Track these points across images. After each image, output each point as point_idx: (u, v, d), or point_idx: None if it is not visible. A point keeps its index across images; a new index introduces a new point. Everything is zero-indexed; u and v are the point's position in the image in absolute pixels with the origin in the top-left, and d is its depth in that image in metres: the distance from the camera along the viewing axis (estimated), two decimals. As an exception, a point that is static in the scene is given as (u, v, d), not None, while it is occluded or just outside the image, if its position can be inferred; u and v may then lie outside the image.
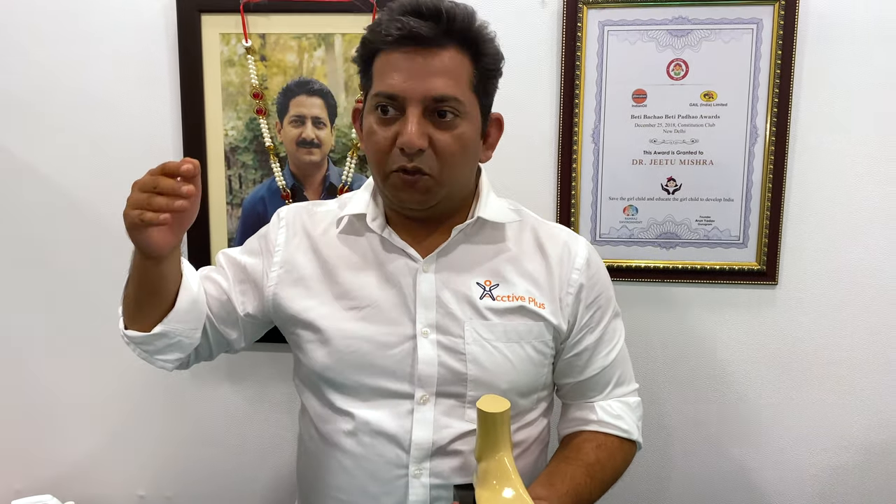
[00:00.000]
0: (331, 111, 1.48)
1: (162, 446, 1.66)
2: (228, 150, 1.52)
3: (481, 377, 1.08)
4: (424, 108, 1.00)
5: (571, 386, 1.19)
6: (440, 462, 1.08)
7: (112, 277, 1.58)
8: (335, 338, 1.09)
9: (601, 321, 1.17)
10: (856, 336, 1.48)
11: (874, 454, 1.51)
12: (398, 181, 1.04)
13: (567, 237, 1.17)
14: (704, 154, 1.44)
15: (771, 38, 1.39)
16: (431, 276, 1.10)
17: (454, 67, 1.01)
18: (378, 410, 1.09)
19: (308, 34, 1.46)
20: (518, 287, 1.11)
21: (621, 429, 1.17)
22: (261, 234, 1.21)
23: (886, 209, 1.43)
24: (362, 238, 1.14)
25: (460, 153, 1.04)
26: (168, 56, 1.51)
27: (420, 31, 0.98)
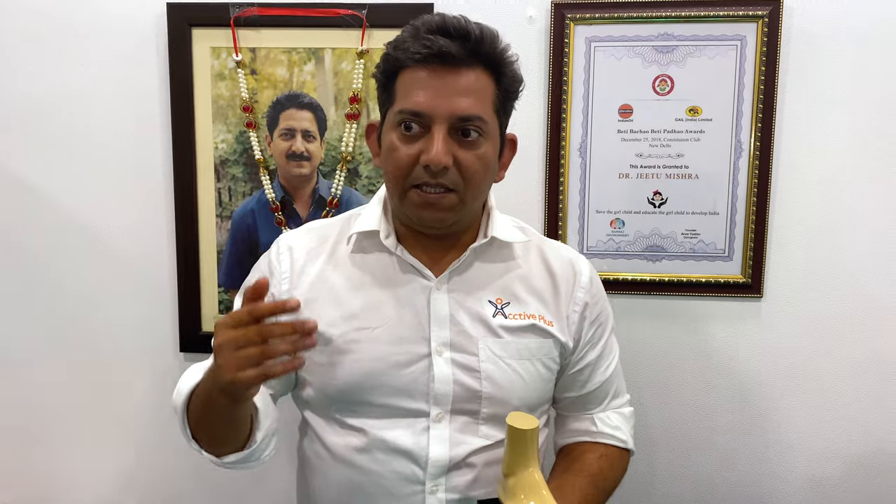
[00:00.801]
0: (320, 124, 1.49)
1: (152, 457, 1.66)
2: (218, 162, 1.52)
3: (495, 394, 1.08)
4: (450, 127, 1.00)
5: (572, 399, 1.21)
6: (456, 476, 1.08)
7: (101, 287, 1.59)
8: (348, 359, 1.07)
9: (602, 337, 1.19)
10: (840, 348, 1.50)
11: (857, 465, 1.53)
12: (418, 199, 1.03)
13: (571, 256, 1.19)
14: (690, 168, 1.46)
15: (755, 54, 1.41)
16: (445, 295, 1.09)
17: (480, 88, 1.01)
18: (393, 428, 1.08)
19: (298, 48, 1.47)
20: (529, 305, 1.12)
21: (620, 439, 1.20)
22: (259, 268, 1.17)
23: (870, 223, 1.45)
24: (373, 256, 1.12)
25: (483, 172, 1.04)
26: (159, 69, 1.52)
27: (448, 50, 0.97)
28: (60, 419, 1.65)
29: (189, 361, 1.60)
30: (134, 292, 1.59)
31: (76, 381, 1.63)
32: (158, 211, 1.56)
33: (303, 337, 0.88)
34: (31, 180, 1.57)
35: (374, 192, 1.50)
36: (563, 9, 1.43)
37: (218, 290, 1.56)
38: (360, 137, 1.49)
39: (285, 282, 1.12)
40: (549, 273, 1.15)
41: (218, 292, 1.56)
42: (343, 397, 1.09)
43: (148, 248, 1.58)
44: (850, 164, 1.44)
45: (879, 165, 1.43)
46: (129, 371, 1.62)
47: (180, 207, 1.53)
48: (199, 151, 1.52)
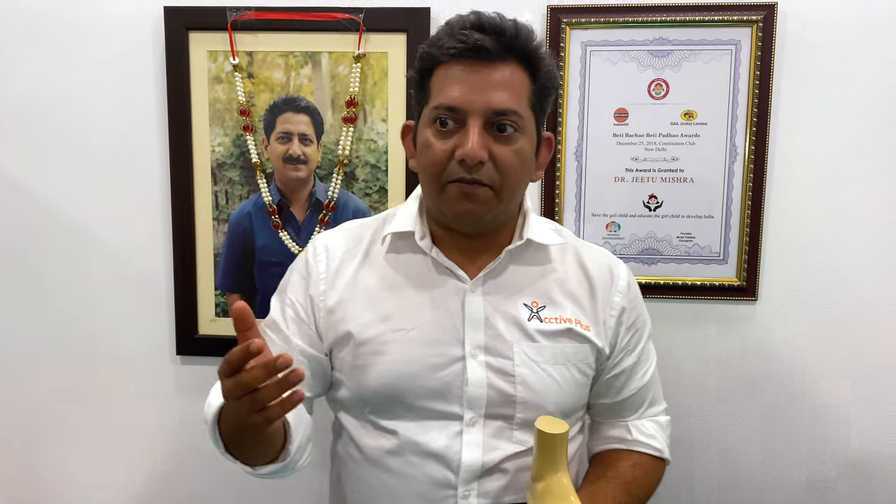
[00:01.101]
0: (317, 128, 1.49)
1: (154, 464, 1.66)
2: (215, 166, 1.53)
3: (530, 399, 1.07)
4: (485, 122, 0.99)
5: (607, 406, 1.19)
6: (488, 482, 1.07)
7: (97, 291, 1.59)
8: (382, 360, 1.07)
9: (639, 343, 1.17)
10: (834, 351, 1.50)
11: (852, 467, 1.54)
12: (455, 192, 1.01)
13: (609, 260, 1.17)
14: (685, 172, 1.46)
15: (749, 58, 1.42)
16: (479, 298, 1.08)
17: (515, 82, 1.00)
18: (426, 431, 1.07)
19: (295, 52, 1.48)
20: (566, 309, 1.10)
21: (655, 448, 1.18)
22: (296, 268, 1.16)
23: (864, 226, 1.46)
24: (408, 257, 1.11)
25: (519, 168, 1.02)
26: (155, 73, 1.52)
27: (483, 45, 0.97)
28: (58, 423, 1.65)
29: (185, 365, 1.61)
30: (130, 296, 1.60)
31: (73, 384, 1.63)
32: (155, 214, 1.57)
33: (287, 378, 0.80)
34: (28, 183, 1.57)
35: (370, 195, 1.51)
36: (558, 13, 1.44)
37: (215, 294, 1.56)
38: (356, 141, 1.49)
39: (322, 282, 1.12)
40: (586, 276, 1.13)
41: (214, 295, 1.56)
42: (377, 399, 1.08)
43: (144, 251, 1.58)
44: (845, 167, 1.45)
45: (874, 169, 1.44)
46: (126, 375, 1.62)
47: (177, 210, 1.54)
48: (195, 155, 1.52)
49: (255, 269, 1.54)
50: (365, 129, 1.49)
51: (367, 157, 1.49)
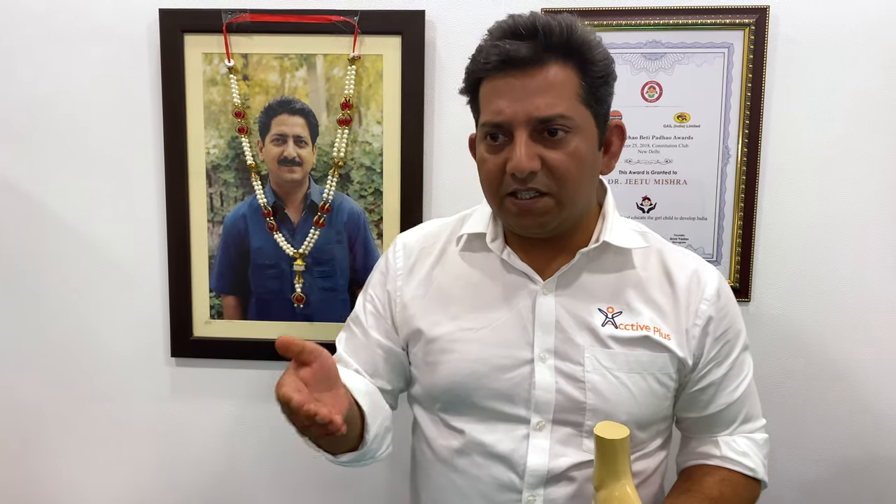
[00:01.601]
0: (312, 130, 1.50)
1: (145, 467, 1.66)
2: (210, 168, 1.53)
3: (600, 407, 1.04)
4: (532, 130, 0.97)
5: (694, 420, 1.14)
6: (554, 489, 1.06)
7: (92, 293, 1.59)
8: (451, 359, 1.07)
9: (730, 355, 1.11)
10: (828, 352, 1.51)
11: (845, 468, 1.54)
12: (513, 207, 1.01)
13: (697, 265, 1.11)
14: (678, 174, 1.47)
15: (742, 61, 1.43)
16: (551, 300, 1.06)
17: (558, 83, 0.97)
18: (492, 433, 1.07)
19: (290, 54, 1.48)
20: (643, 316, 1.06)
21: (747, 466, 1.12)
22: (378, 266, 1.20)
23: (857, 227, 1.47)
24: (481, 257, 1.11)
25: (576, 170, 0.99)
26: (150, 75, 1.52)
27: (518, 54, 0.95)
28: (53, 424, 1.65)
29: (180, 367, 1.61)
30: (125, 298, 1.59)
31: (67, 386, 1.63)
32: (150, 216, 1.57)
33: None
34: (23, 185, 1.57)
35: (365, 197, 1.51)
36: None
37: (209, 295, 1.56)
38: (351, 143, 1.49)
39: (399, 278, 1.14)
40: (670, 282, 1.09)
41: (209, 297, 1.56)
42: (445, 396, 1.09)
43: (139, 253, 1.58)
44: (836, 169, 1.46)
45: (865, 170, 1.45)
46: (121, 376, 1.62)
47: (172, 212, 1.54)
48: (190, 157, 1.53)
49: (249, 271, 1.55)
50: (360, 131, 1.49)
51: (362, 159, 1.50)
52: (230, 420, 1.62)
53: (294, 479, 1.63)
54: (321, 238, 1.52)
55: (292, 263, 1.53)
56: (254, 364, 1.59)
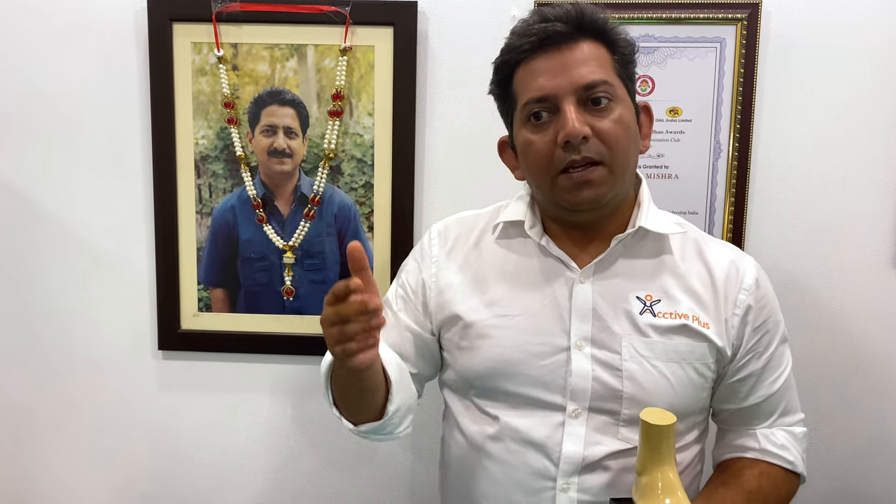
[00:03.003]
0: (303, 121, 1.48)
1: (134, 461, 1.64)
2: (199, 158, 1.51)
3: (637, 396, 1.03)
4: (578, 99, 0.99)
5: (732, 412, 1.14)
6: (589, 478, 1.05)
7: (79, 285, 1.57)
8: (487, 344, 1.07)
9: (769, 346, 1.10)
10: (816, 350, 1.52)
11: (837, 467, 1.55)
12: (569, 182, 1.00)
13: (735, 255, 1.12)
14: (670, 168, 1.47)
15: (734, 56, 1.43)
16: (588, 288, 1.06)
17: (594, 55, 1.00)
18: (527, 419, 1.06)
19: (280, 44, 1.46)
20: (682, 304, 1.06)
21: (786, 459, 1.11)
22: (413, 253, 1.21)
23: (845, 224, 1.48)
24: (518, 245, 1.12)
25: (624, 137, 1.01)
26: (139, 64, 1.50)
27: (555, 29, 0.99)
28: (41, 420, 1.63)
29: (168, 360, 1.59)
30: (112, 290, 1.58)
31: (55, 380, 1.61)
32: (138, 207, 1.55)
33: (371, 316, 0.87)
34: (9, 176, 1.54)
35: (356, 189, 1.50)
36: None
37: (198, 288, 1.55)
38: (342, 135, 1.48)
39: (434, 265, 1.15)
40: (708, 271, 1.08)
41: (198, 290, 1.55)
42: (481, 383, 1.09)
43: (126, 244, 1.56)
44: (827, 164, 1.46)
45: (856, 165, 1.46)
46: (109, 369, 1.60)
47: (160, 204, 1.52)
48: (179, 147, 1.51)
49: (238, 263, 1.53)
50: (351, 122, 1.48)
51: (352, 151, 1.49)
52: (218, 413, 1.61)
53: (285, 473, 1.63)
54: (311, 231, 1.51)
55: (282, 256, 1.52)
56: (242, 357, 1.57)
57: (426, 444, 1.57)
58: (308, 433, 1.61)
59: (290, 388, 1.59)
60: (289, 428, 1.61)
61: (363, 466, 1.61)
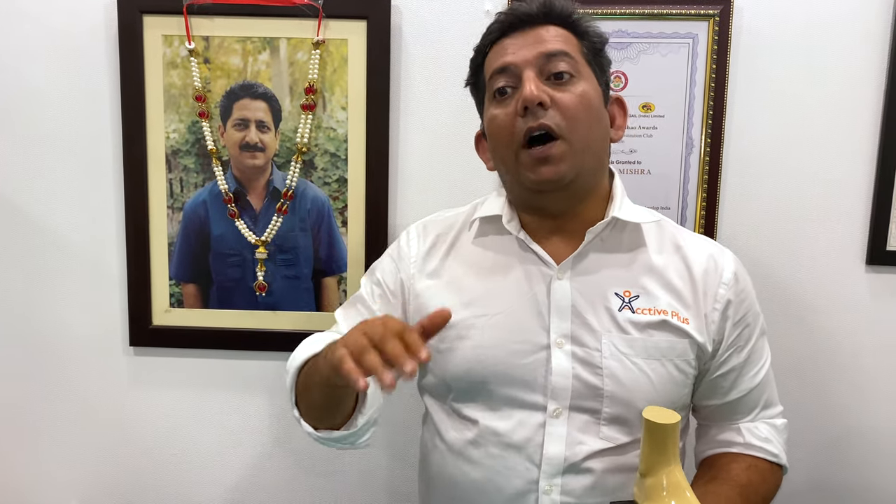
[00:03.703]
0: (275, 115, 1.47)
1: (97, 456, 1.62)
2: (170, 153, 1.49)
3: (618, 393, 1.03)
4: (539, 70, 1.00)
5: (715, 408, 1.13)
6: (572, 479, 1.04)
7: (49, 281, 1.55)
8: (466, 345, 1.06)
9: (749, 340, 1.11)
10: (788, 344, 1.53)
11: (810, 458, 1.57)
12: (530, 159, 1.01)
13: (713, 249, 1.11)
14: (643, 164, 1.48)
15: (706, 52, 1.44)
16: (566, 284, 1.05)
17: (560, 35, 1.03)
18: (507, 421, 1.05)
19: (253, 37, 1.45)
20: (660, 300, 1.05)
21: (771, 452, 1.11)
22: (390, 252, 1.20)
23: (817, 219, 1.49)
24: (495, 242, 1.11)
25: (585, 111, 1.01)
26: (108, 57, 1.48)
27: (526, 11, 1.02)
28: (9, 416, 1.61)
29: (140, 356, 1.58)
30: (82, 285, 1.56)
31: (24, 376, 1.59)
32: (108, 202, 1.53)
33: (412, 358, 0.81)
34: (-27, 169, 1.52)
35: (329, 184, 1.49)
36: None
37: (169, 283, 1.53)
38: (315, 129, 1.47)
39: (413, 266, 1.14)
40: (686, 266, 1.08)
41: (169, 285, 1.53)
42: (460, 385, 1.08)
43: (96, 239, 1.54)
44: (799, 159, 1.47)
45: (827, 162, 1.47)
46: (79, 366, 1.58)
47: (130, 198, 1.50)
48: (149, 141, 1.49)
49: (210, 258, 1.52)
50: (324, 116, 1.47)
51: (326, 145, 1.48)
52: (191, 410, 1.60)
53: (258, 470, 1.62)
54: (284, 225, 1.50)
55: (254, 251, 1.51)
56: (215, 353, 1.56)
57: (402, 443, 1.56)
58: (281, 430, 1.60)
59: (262, 385, 1.58)
60: (262, 424, 1.60)
61: (338, 465, 1.61)
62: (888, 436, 1.55)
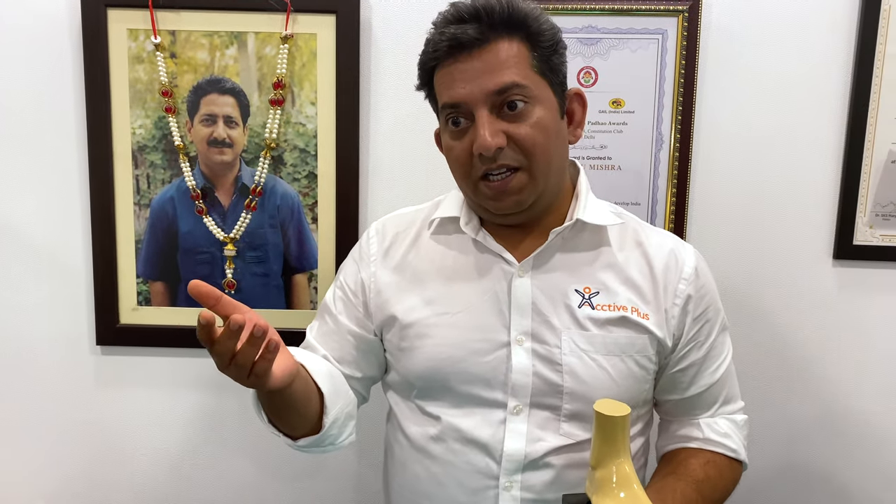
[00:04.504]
0: (243, 110, 1.45)
1: (64, 457, 1.60)
2: (136, 148, 1.47)
3: (578, 390, 1.03)
4: (491, 106, 0.97)
5: (674, 403, 1.14)
6: (532, 475, 1.04)
7: (12, 279, 1.52)
8: (427, 344, 1.06)
9: (710, 336, 1.11)
10: (754, 342, 1.54)
11: (779, 450, 1.58)
12: (487, 190, 1.00)
13: (674, 244, 1.11)
14: (613, 159, 1.48)
15: (675, 48, 1.44)
16: (527, 282, 1.05)
17: (509, 57, 0.97)
18: (469, 418, 1.05)
19: (220, 32, 1.43)
20: (620, 296, 1.05)
21: (729, 448, 1.12)
22: (352, 253, 1.19)
23: (785, 215, 1.50)
24: (456, 240, 1.10)
25: (543, 140, 0.98)
26: (72, 52, 1.45)
27: (464, 36, 0.96)
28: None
29: (107, 355, 1.55)
30: (47, 283, 1.53)
31: (-16, 377, 1.56)
32: (72, 199, 1.50)
33: (252, 335, 0.81)
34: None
35: (299, 180, 1.48)
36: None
37: (137, 281, 1.51)
38: (284, 124, 1.46)
39: (373, 264, 1.13)
40: (647, 261, 1.08)
41: (137, 283, 1.51)
42: (421, 382, 1.08)
43: (62, 238, 1.51)
44: (767, 154, 1.48)
45: (796, 157, 1.48)
46: (45, 366, 1.56)
47: (96, 195, 1.47)
48: (115, 137, 1.47)
49: (178, 256, 1.50)
50: (293, 112, 1.45)
51: (295, 140, 1.46)
52: (159, 409, 1.58)
53: (227, 469, 1.60)
54: (253, 222, 1.48)
55: (223, 248, 1.49)
56: (183, 352, 1.54)
57: (369, 443, 1.55)
58: (251, 429, 1.58)
59: (232, 384, 1.52)
60: (231, 423, 1.58)
61: (307, 465, 1.59)
62: (855, 425, 1.57)
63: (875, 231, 1.49)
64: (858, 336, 1.54)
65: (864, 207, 1.48)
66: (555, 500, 1.03)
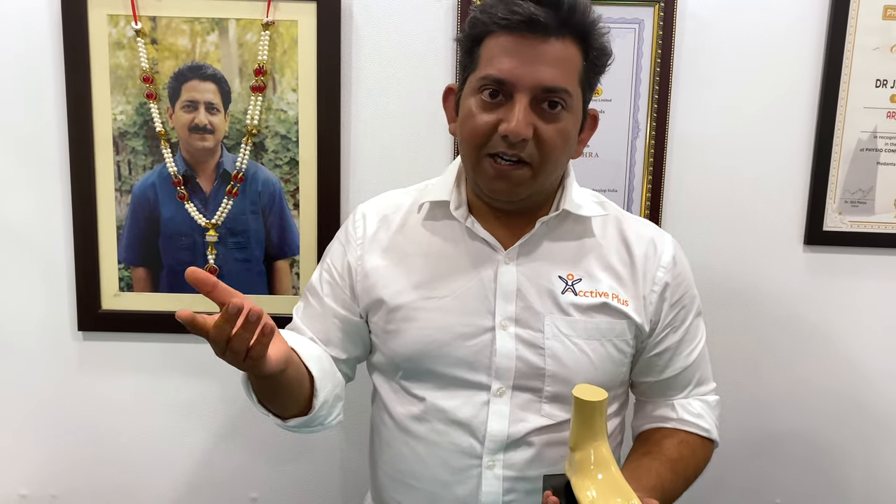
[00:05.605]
0: (224, 97, 1.46)
1: (45, 442, 1.60)
2: (117, 135, 1.47)
3: (559, 373, 1.06)
4: (532, 98, 0.97)
5: (650, 384, 1.17)
6: (514, 454, 1.07)
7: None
8: (413, 327, 1.08)
9: (685, 321, 1.15)
10: (727, 327, 1.58)
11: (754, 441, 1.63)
12: (490, 170, 1.01)
13: (653, 233, 1.14)
14: (591, 147, 1.51)
15: (652, 37, 1.47)
16: (513, 269, 1.07)
17: (567, 58, 0.97)
18: (453, 399, 1.08)
19: (201, 18, 1.43)
20: (602, 283, 1.08)
21: (702, 427, 1.16)
22: (338, 235, 1.19)
23: (757, 202, 1.54)
24: (444, 226, 1.11)
25: (561, 147, 1.01)
26: (52, 37, 1.45)
27: (538, 18, 0.94)
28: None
29: (88, 341, 1.56)
30: (30, 270, 1.53)
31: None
32: (53, 185, 1.50)
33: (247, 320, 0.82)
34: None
35: (280, 167, 1.49)
36: None
37: (118, 267, 1.51)
38: (265, 111, 1.46)
39: (360, 247, 1.14)
40: (627, 250, 1.11)
41: (118, 269, 1.51)
42: (407, 365, 1.10)
43: (43, 224, 1.51)
44: (741, 143, 1.51)
45: (769, 145, 1.51)
46: (26, 352, 1.56)
47: (77, 181, 1.47)
48: (96, 123, 1.47)
49: (160, 242, 1.50)
50: (274, 98, 1.46)
51: (276, 127, 1.47)
52: (141, 395, 1.58)
53: (211, 454, 1.61)
54: (235, 208, 1.49)
55: (205, 234, 1.50)
56: (165, 337, 1.55)
57: (355, 425, 1.57)
58: (234, 414, 1.60)
59: (214, 369, 1.57)
60: (214, 409, 1.59)
61: (292, 448, 1.61)
62: (823, 403, 1.62)
63: (844, 217, 1.53)
64: (828, 319, 1.58)
65: (833, 194, 1.52)
66: (535, 476, 1.06)
